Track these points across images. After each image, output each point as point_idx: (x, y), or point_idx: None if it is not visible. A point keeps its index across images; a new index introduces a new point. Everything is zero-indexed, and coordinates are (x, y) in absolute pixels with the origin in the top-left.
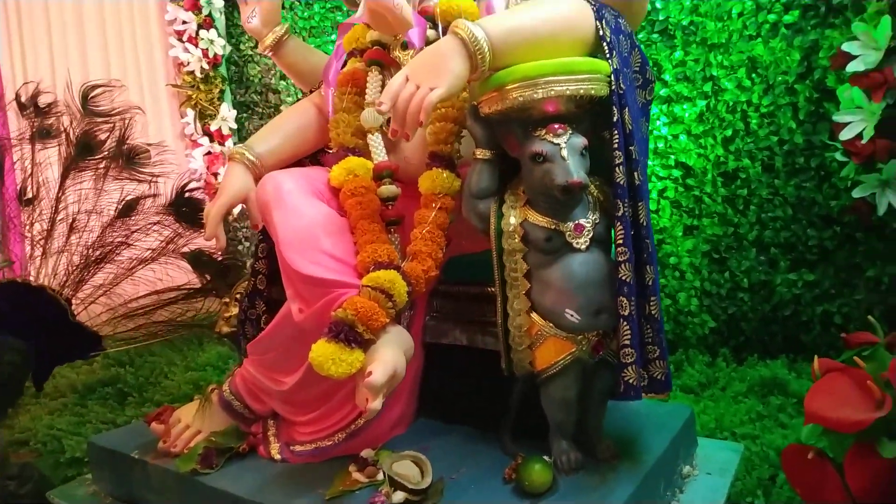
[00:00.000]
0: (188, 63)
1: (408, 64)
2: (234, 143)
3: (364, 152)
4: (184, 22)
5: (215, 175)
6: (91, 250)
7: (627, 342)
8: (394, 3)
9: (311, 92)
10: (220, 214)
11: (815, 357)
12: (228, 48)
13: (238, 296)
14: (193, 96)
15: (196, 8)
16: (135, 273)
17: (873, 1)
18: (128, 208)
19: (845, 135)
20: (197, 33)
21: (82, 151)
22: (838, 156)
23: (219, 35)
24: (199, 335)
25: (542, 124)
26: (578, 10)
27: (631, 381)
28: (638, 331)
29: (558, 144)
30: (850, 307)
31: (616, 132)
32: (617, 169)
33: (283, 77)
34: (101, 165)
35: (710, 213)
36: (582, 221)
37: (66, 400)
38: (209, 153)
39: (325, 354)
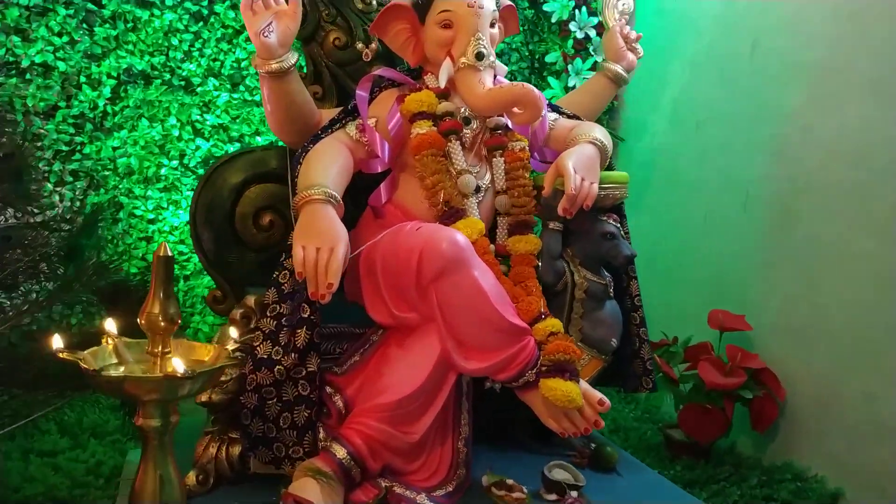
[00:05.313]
0: None
1: (570, 160)
2: None
3: (463, 211)
4: None
5: None
6: None
7: (650, 357)
8: (540, 99)
9: (316, 126)
10: (344, 263)
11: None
12: None
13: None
14: None
15: None
16: None
17: None
18: None
19: None
20: None
21: None
22: None
23: None
24: None
25: (602, 212)
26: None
27: (654, 379)
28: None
29: (619, 227)
30: None
31: (625, 219)
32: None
33: None
34: None
35: None
36: (610, 279)
37: None
38: None
39: (574, 390)
